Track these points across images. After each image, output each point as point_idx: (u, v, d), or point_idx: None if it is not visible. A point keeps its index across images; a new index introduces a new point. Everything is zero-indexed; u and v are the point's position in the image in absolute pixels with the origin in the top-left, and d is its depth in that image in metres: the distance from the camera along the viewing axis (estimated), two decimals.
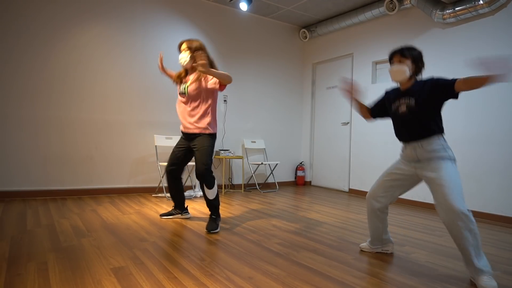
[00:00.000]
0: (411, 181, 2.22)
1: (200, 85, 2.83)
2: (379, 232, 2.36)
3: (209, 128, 2.88)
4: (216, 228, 2.77)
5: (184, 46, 2.87)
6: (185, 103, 2.92)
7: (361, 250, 2.47)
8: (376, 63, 5.08)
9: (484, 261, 1.89)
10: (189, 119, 2.90)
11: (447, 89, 1.96)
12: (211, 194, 2.83)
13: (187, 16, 4.92)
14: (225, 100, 5.30)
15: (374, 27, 5.04)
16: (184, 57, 2.86)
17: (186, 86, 2.89)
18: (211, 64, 2.85)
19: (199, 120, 2.87)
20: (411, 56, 2.13)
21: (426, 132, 2.06)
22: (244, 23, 5.49)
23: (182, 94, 2.92)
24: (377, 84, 5.00)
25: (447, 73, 4.14)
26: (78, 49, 4.17)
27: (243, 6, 4.93)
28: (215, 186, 2.85)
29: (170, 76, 3.14)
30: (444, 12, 4.02)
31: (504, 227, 3.44)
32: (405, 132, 2.16)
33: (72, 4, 4.12)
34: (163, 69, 3.13)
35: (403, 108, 2.14)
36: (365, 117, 2.47)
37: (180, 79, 2.97)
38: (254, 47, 5.61)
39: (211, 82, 2.81)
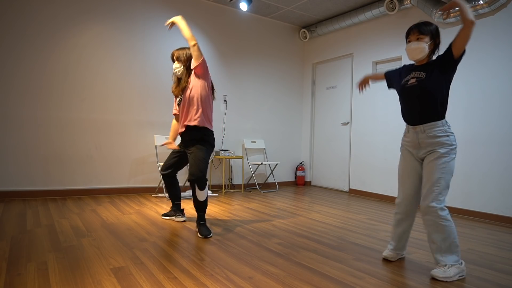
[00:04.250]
0: (420, 168, 2.17)
1: (189, 81, 2.83)
2: (406, 236, 2.27)
3: (204, 123, 2.84)
4: (210, 233, 2.72)
5: (175, 55, 2.89)
6: (182, 106, 2.91)
7: (384, 259, 2.29)
8: (376, 63, 5.08)
9: (451, 258, 1.98)
10: (185, 118, 2.87)
11: (446, 52, 1.98)
12: (202, 195, 2.80)
13: (187, 16, 4.91)
14: (225, 100, 5.29)
15: (374, 27, 5.04)
16: (178, 67, 2.88)
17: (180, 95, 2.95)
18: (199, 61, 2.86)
19: (194, 116, 2.84)
20: (430, 32, 2.06)
21: (431, 112, 2.02)
22: (244, 23, 5.49)
23: (179, 103, 2.95)
24: (377, 84, 4.99)
25: None
26: (78, 49, 4.17)
27: (243, 6, 4.93)
28: (206, 188, 2.82)
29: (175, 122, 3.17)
30: (444, 12, 4.02)
31: (504, 227, 3.44)
32: (410, 110, 2.11)
33: (72, 4, 4.12)
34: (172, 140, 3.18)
35: (412, 81, 2.09)
36: (379, 79, 2.43)
37: (179, 89, 2.96)
38: (254, 47, 5.61)
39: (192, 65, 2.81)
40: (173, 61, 2.93)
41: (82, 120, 4.20)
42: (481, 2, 3.70)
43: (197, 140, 2.85)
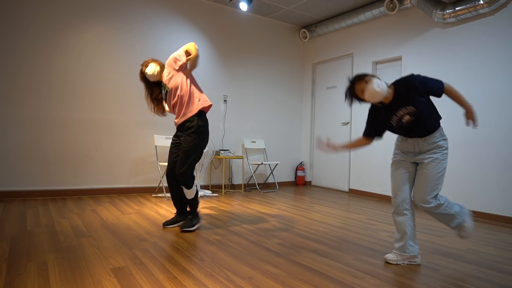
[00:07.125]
0: (414, 170, 2.24)
1: (172, 72, 2.80)
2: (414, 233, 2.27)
3: (200, 105, 2.80)
4: (191, 227, 2.77)
5: (148, 61, 2.89)
6: (172, 99, 2.83)
7: (387, 262, 2.23)
8: (376, 63, 5.08)
9: (457, 221, 2.21)
10: (180, 110, 2.82)
11: (435, 93, 2.11)
12: (190, 194, 2.82)
13: (187, 16, 4.92)
14: (225, 100, 5.29)
15: (374, 27, 5.04)
16: (153, 67, 2.83)
17: (164, 85, 2.86)
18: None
19: (189, 105, 2.79)
20: (366, 75, 2.09)
21: (431, 129, 2.14)
22: (244, 23, 5.49)
23: (165, 94, 2.87)
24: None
25: (447, 73, 4.13)
26: (78, 49, 4.17)
27: (243, 6, 4.93)
28: (194, 186, 2.83)
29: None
30: (445, 12, 4.02)
31: (504, 227, 3.44)
32: (409, 134, 2.17)
33: (72, 5, 4.12)
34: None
35: (406, 118, 2.08)
36: (363, 145, 2.36)
37: (161, 89, 2.94)
38: (254, 47, 5.61)
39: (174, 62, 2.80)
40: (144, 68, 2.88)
41: (83, 120, 4.20)
42: (481, 2, 3.70)
43: (185, 131, 2.82)
